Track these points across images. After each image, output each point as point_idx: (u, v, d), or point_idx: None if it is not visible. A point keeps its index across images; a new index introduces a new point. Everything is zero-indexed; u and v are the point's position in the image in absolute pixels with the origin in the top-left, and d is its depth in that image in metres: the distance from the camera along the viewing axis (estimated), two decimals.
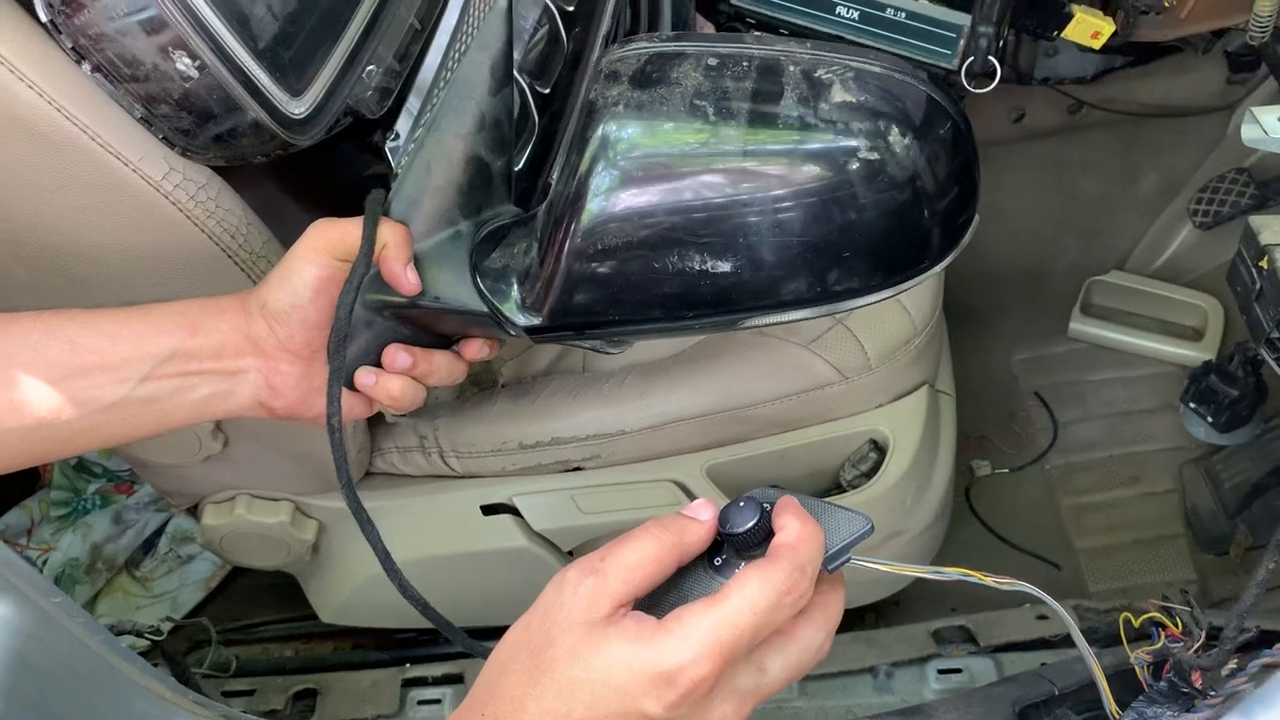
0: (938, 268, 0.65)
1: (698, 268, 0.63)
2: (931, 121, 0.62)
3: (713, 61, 0.63)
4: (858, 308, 0.66)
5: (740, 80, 0.62)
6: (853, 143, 0.60)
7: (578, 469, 1.10)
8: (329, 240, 0.71)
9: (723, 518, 0.56)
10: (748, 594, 0.51)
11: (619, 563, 0.52)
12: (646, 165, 0.62)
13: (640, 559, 0.52)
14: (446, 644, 1.31)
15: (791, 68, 0.62)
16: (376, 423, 1.11)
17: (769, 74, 0.62)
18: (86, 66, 0.72)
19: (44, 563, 1.48)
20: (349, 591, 1.18)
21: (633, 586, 0.52)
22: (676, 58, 0.63)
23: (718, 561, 0.56)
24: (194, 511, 1.14)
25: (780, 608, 0.51)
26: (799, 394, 1.06)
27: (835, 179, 0.60)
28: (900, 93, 0.62)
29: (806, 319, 0.67)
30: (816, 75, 0.62)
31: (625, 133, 0.62)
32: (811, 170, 0.61)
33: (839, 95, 0.61)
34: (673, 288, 0.64)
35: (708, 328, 0.67)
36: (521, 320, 0.68)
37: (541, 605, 0.53)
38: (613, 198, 0.62)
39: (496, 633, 0.53)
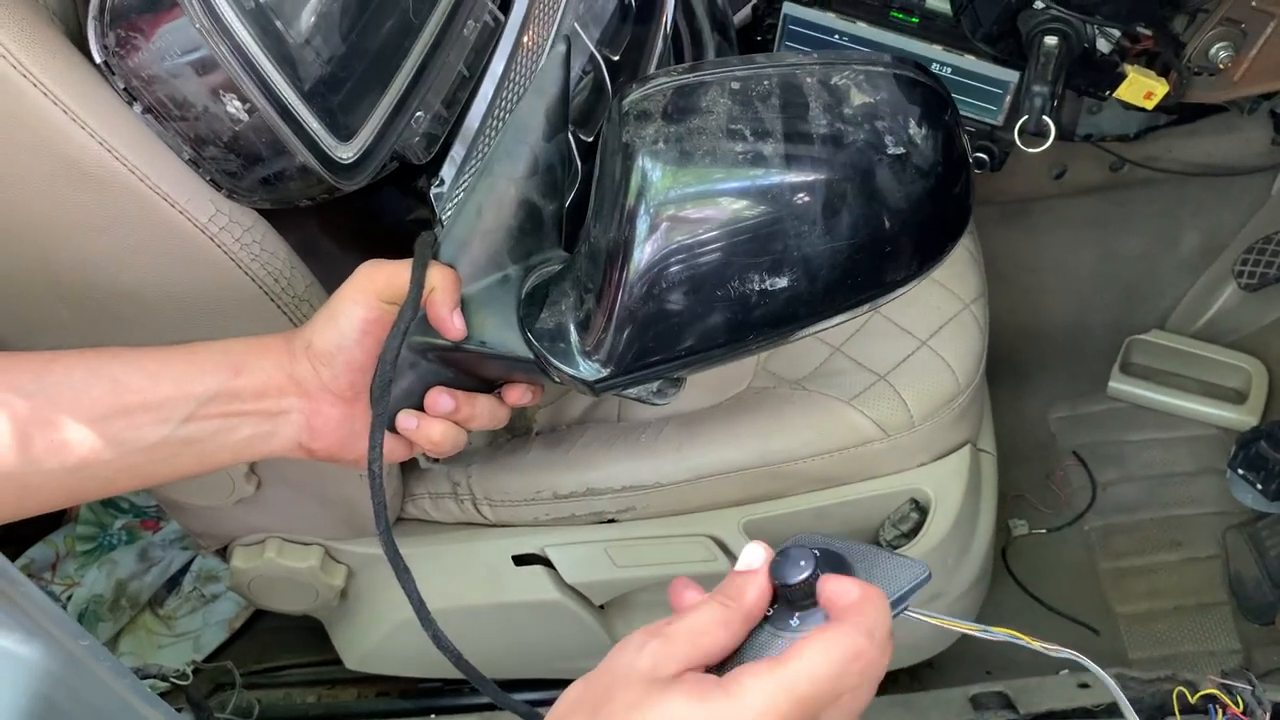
0: (956, 242, 0.68)
1: (757, 287, 0.63)
2: (934, 107, 0.64)
3: (735, 85, 0.62)
4: (898, 296, 0.67)
5: (766, 99, 0.62)
6: (880, 140, 0.62)
7: (612, 521, 1.08)
8: (377, 282, 0.71)
9: (773, 568, 0.55)
10: (807, 660, 0.50)
11: (685, 627, 0.52)
12: (699, 196, 0.62)
13: (706, 624, 0.52)
14: (472, 694, 1.29)
15: (809, 80, 0.63)
16: (409, 468, 1.10)
17: (790, 88, 0.63)
18: (138, 108, 0.73)
19: (68, 598, 1.47)
20: (376, 639, 1.17)
21: (700, 650, 0.52)
22: (700, 87, 0.63)
23: (769, 612, 0.55)
24: (223, 553, 1.13)
25: (846, 675, 0.50)
26: (839, 450, 1.04)
27: (871, 178, 0.62)
28: (904, 85, 0.64)
29: (853, 318, 0.68)
30: (833, 83, 0.63)
31: (671, 168, 0.61)
32: (850, 173, 0.62)
33: (858, 98, 0.62)
34: (735, 311, 0.63)
35: (765, 345, 0.67)
36: (591, 375, 0.67)
37: (606, 665, 0.53)
38: (670, 234, 0.61)
39: (526, 685, 0.52)
